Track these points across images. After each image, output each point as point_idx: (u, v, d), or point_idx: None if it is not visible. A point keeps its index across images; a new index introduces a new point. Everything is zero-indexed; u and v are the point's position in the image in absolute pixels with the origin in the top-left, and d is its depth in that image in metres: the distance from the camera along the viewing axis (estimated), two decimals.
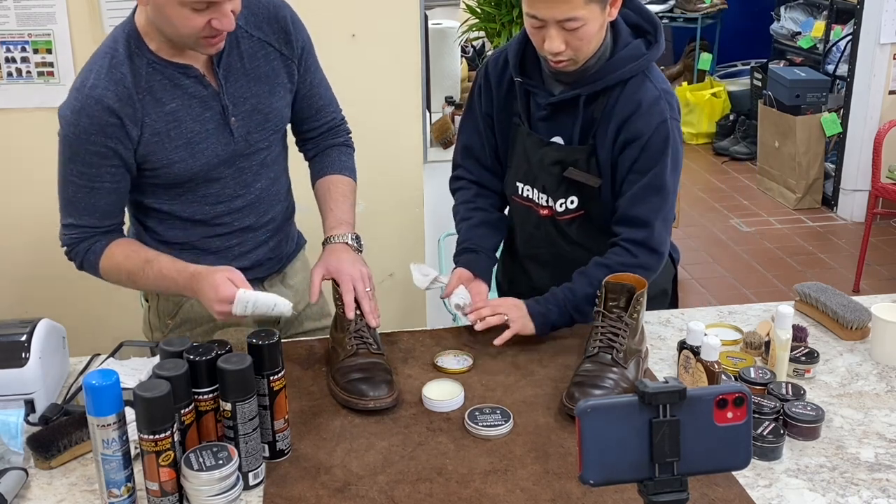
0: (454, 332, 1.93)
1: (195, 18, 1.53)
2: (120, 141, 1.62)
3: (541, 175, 1.87)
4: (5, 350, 1.58)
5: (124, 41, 1.63)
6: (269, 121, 1.77)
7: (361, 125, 1.96)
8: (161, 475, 1.31)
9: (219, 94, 1.69)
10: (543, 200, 1.90)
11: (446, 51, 3.35)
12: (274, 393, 1.45)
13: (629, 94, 1.77)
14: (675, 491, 1.03)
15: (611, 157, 1.81)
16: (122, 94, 1.60)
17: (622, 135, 1.78)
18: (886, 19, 4.91)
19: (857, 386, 1.71)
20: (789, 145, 5.45)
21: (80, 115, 1.60)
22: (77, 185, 1.66)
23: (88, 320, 2.74)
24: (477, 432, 1.55)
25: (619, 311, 1.66)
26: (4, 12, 2.64)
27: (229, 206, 1.78)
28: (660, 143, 1.77)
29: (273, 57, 1.75)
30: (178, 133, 1.66)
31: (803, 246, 4.95)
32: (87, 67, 1.64)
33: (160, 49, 1.63)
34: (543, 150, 1.85)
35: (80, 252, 1.72)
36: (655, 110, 1.76)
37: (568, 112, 1.81)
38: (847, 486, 1.42)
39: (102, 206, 1.69)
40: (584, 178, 1.82)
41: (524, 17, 1.71)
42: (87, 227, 1.70)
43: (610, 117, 1.78)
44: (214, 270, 1.62)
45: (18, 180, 2.80)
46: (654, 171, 1.78)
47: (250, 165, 1.78)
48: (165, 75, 1.64)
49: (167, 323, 1.89)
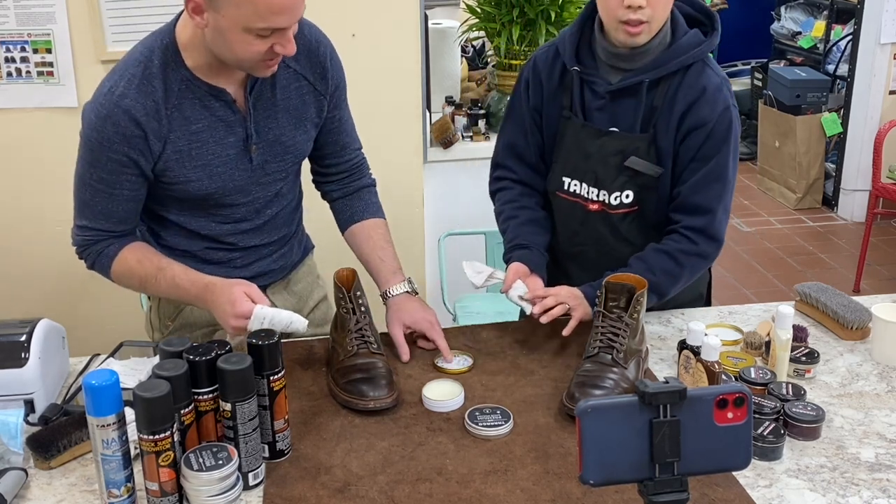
0: (454, 332, 1.93)
1: (259, 44, 1.51)
2: (141, 153, 1.61)
3: (597, 167, 1.84)
4: (5, 350, 1.58)
5: (161, 53, 1.60)
6: (290, 153, 1.76)
7: (361, 125, 1.95)
8: (161, 475, 1.31)
9: (245, 120, 1.67)
10: (594, 195, 1.87)
11: (446, 51, 3.34)
12: (274, 393, 1.45)
13: (692, 80, 1.77)
14: (675, 491, 1.03)
15: (673, 145, 1.80)
16: (150, 108, 1.58)
17: (686, 121, 1.77)
18: (887, 19, 4.91)
19: (858, 386, 1.71)
20: (790, 145, 5.45)
21: (105, 121, 1.57)
22: (95, 190, 1.64)
23: (88, 320, 2.74)
24: (477, 432, 1.55)
25: (620, 311, 1.66)
26: (4, 12, 2.64)
27: (237, 228, 1.78)
28: (723, 130, 1.77)
29: (306, 91, 1.74)
30: (199, 153, 1.65)
31: (804, 246, 4.95)
32: (119, 72, 1.60)
33: (197, 67, 1.61)
34: (602, 139, 1.82)
35: (91, 254, 1.72)
36: (720, 97, 1.77)
37: (627, 100, 1.80)
38: (847, 486, 1.42)
39: (119, 212, 1.68)
40: (645, 167, 1.80)
41: None
42: (101, 230, 1.69)
43: (672, 104, 1.78)
44: (231, 284, 1.61)
45: (18, 180, 2.80)
46: (717, 158, 1.78)
47: (265, 195, 1.78)
48: (197, 95, 1.62)
49: (167, 324, 1.89)
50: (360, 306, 1.74)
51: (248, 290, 1.59)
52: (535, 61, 1.91)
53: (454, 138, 3.11)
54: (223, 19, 1.48)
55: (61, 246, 2.87)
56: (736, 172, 1.85)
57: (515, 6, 3.00)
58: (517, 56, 3.11)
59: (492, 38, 3.14)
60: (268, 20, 1.47)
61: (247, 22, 1.47)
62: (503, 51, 3.09)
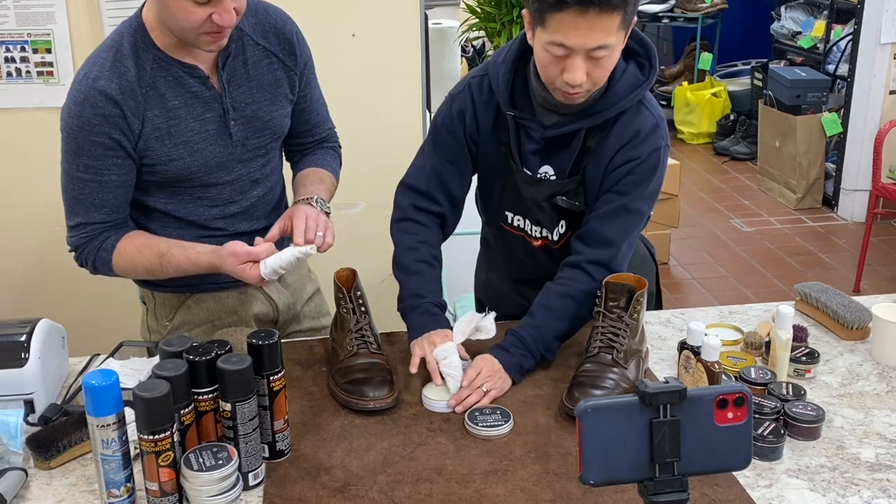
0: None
1: (196, 11, 1.53)
2: (122, 132, 1.62)
3: (533, 209, 1.82)
4: (5, 350, 1.58)
5: (130, 35, 1.63)
6: (268, 128, 1.78)
7: (361, 125, 1.96)
8: (161, 475, 1.31)
9: (221, 96, 1.70)
10: (537, 232, 1.86)
11: (446, 51, 3.35)
12: (274, 393, 1.45)
13: (627, 122, 1.72)
14: (675, 491, 1.03)
15: (600, 184, 1.76)
16: (125, 87, 1.61)
17: (615, 161, 1.74)
18: (887, 19, 4.91)
19: (858, 386, 1.71)
20: (790, 145, 5.45)
21: (83, 106, 1.60)
22: (84, 181, 1.65)
23: (88, 320, 2.74)
24: (477, 432, 1.55)
25: (620, 311, 1.66)
26: (4, 12, 2.64)
27: (224, 211, 1.79)
28: (648, 169, 1.73)
29: (276, 67, 1.77)
30: (178, 131, 1.66)
31: (804, 246, 4.95)
32: (90, 62, 1.63)
33: (167, 46, 1.64)
34: (535, 187, 1.79)
35: (90, 251, 1.71)
36: (652, 138, 1.73)
37: (562, 143, 1.76)
38: (847, 486, 1.41)
39: (111, 200, 1.68)
40: (571, 205, 1.78)
41: (540, 47, 1.60)
42: (96, 223, 1.69)
43: (604, 147, 1.73)
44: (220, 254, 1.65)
45: (18, 180, 2.80)
46: (634, 193, 1.74)
47: (248, 172, 1.78)
48: (170, 73, 1.65)
49: (165, 325, 1.89)
50: (360, 306, 1.74)
51: (236, 248, 1.63)
52: (471, 93, 1.80)
53: None
54: None
55: (61, 246, 2.87)
56: (650, 212, 1.81)
57: (515, 6, 3.01)
58: None
59: (492, 38, 3.14)
60: None
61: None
62: None
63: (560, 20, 1.54)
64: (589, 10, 1.51)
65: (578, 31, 1.54)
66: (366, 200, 2.85)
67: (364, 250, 1.94)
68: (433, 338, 1.71)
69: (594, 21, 1.52)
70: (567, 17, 1.53)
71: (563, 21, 1.54)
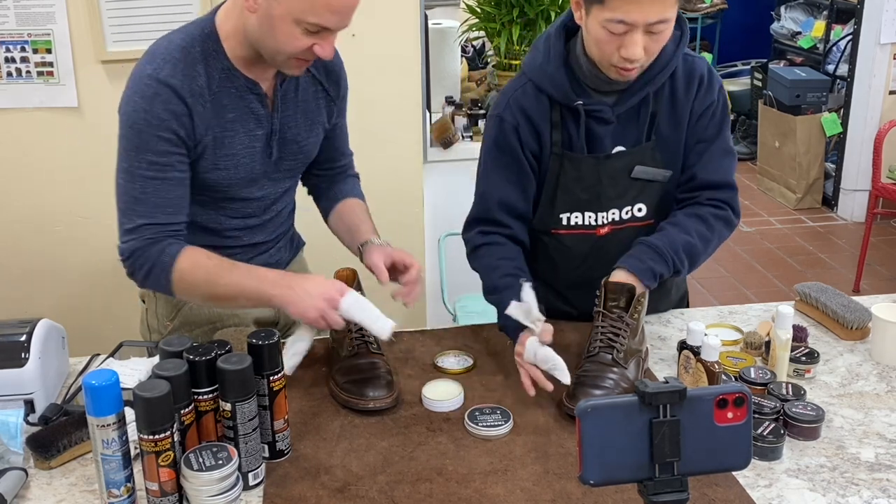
0: (454, 332, 1.93)
1: (302, 40, 1.53)
2: (187, 132, 1.60)
3: (605, 191, 1.79)
4: (5, 350, 1.58)
5: (201, 42, 1.61)
6: (302, 152, 1.79)
7: (361, 125, 1.96)
8: (161, 475, 1.31)
9: (272, 116, 1.70)
10: (603, 219, 1.82)
11: (446, 51, 3.34)
12: (274, 393, 1.45)
13: (685, 74, 1.77)
14: (675, 491, 1.03)
15: (681, 142, 1.79)
16: (195, 91, 1.59)
17: (695, 110, 1.78)
18: (886, 19, 4.91)
19: (858, 386, 1.71)
20: (789, 145, 5.45)
21: (152, 101, 1.56)
22: (146, 179, 1.59)
23: (88, 320, 2.74)
24: (477, 432, 1.55)
25: (620, 311, 1.66)
26: (4, 12, 2.64)
27: (244, 223, 1.79)
28: (724, 105, 1.80)
29: (321, 95, 1.79)
30: (230, 143, 1.66)
31: (803, 246, 4.95)
32: (159, 58, 1.59)
33: (236, 59, 1.63)
34: (608, 163, 1.78)
35: (150, 256, 1.60)
36: (714, 78, 1.79)
37: (631, 116, 1.77)
38: (847, 486, 1.42)
39: (174, 199, 1.62)
40: (653, 174, 1.79)
41: (597, 25, 1.59)
42: (160, 223, 1.61)
43: (674, 104, 1.77)
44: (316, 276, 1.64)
45: (18, 180, 2.80)
46: (724, 133, 1.81)
47: (275, 191, 1.80)
48: (235, 85, 1.64)
49: (166, 325, 1.89)
50: None
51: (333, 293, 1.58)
52: (518, 104, 1.77)
53: (454, 138, 3.11)
54: (278, 6, 1.51)
55: (61, 246, 2.89)
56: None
57: (515, 6, 3.00)
58: (517, 56, 3.11)
59: (492, 38, 3.14)
60: (321, 17, 1.51)
61: (300, 14, 1.50)
62: (503, 51, 3.09)
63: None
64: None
65: (641, 7, 1.54)
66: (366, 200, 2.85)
67: None
68: (517, 349, 1.65)
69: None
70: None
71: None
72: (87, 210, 2.84)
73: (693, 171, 1.81)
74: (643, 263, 1.70)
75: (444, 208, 3.12)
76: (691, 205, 1.81)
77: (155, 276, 1.62)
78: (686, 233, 1.76)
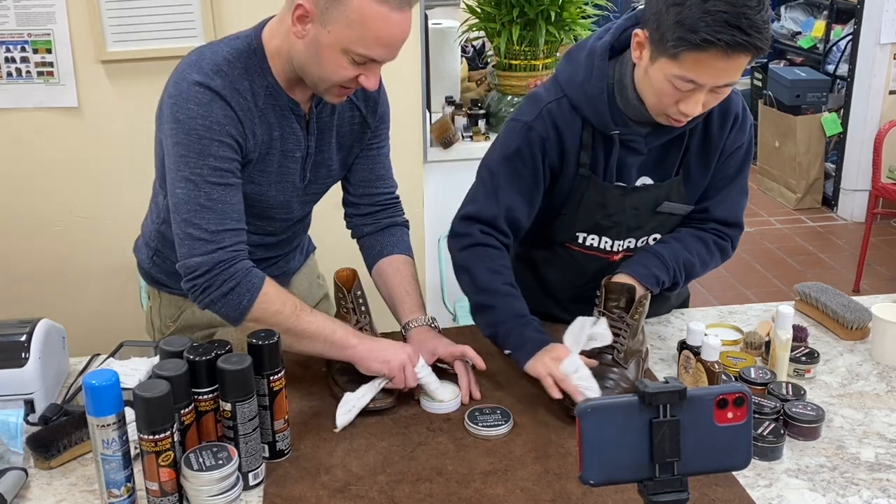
0: (454, 332, 1.92)
1: (348, 70, 1.51)
2: (243, 140, 1.57)
3: (626, 220, 1.77)
4: (5, 350, 1.58)
5: (247, 57, 1.58)
6: (330, 177, 1.78)
7: None
8: (161, 475, 1.31)
9: (308, 138, 1.68)
10: (619, 246, 1.81)
11: (446, 51, 3.34)
12: (274, 393, 1.45)
13: (721, 110, 1.71)
14: (675, 491, 1.03)
15: (709, 177, 1.78)
16: (242, 105, 1.56)
17: (726, 148, 1.75)
18: (886, 19, 4.91)
19: (858, 386, 1.71)
20: (790, 145, 5.45)
21: (209, 106, 1.52)
22: (211, 185, 1.53)
23: (88, 320, 2.74)
24: (477, 432, 1.55)
25: (620, 312, 1.66)
26: (4, 12, 2.64)
27: (263, 240, 1.78)
28: (749, 146, 1.79)
29: (357, 121, 1.76)
30: (271, 160, 1.64)
31: (803, 246, 4.95)
32: (207, 67, 1.54)
33: (280, 78, 1.60)
34: (634, 195, 1.75)
35: (237, 273, 1.54)
36: (747, 117, 1.77)
37: (665, 150, 1.74)
38: (847, 486, 1.42)
39: (237, 204, 1.57)
40: (678, 209, 1.79)
41: (662, 77, 1.52)
42: (233, 229, 1.55)
43: (707, 140, 1.73)
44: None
45: (18, 180, 2.80)
46: (744, 172, 1.81)
47: (300, 214, 1.80)
48: (279, 104, 1.62)
49: (168, 325, 1.89)
50: (361, 306, 1.74)
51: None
52: (552, 118, 1.70)
53: (454, 138, 3.11)
54: (326, 35, 1.48)
55: (61, 246, 2.89)
56: None
57: (515, 6, 3.00)
58: (517, 56, 3.11)
59: (492, 38, 3.13)
60: (370, 49, 1.48)
61: (349, 44, 1.47)
62: (503, 51, 3.09)
63: (699, 59, 1.46)
64: (735, 53, 1.44)
65: (716, 72, 1.47)
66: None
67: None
68: (556, 352, 1.60)
69: (734, 62, 1.46)
70: (708, 58, 1.45)
71: (702, 61, 1.46)
72: (87, 210, 2.84)
73: (707, 205, 1.81)
74: (647, 269, 1.71)
75: (444, 208, 3.11)
76: (696, 228, 1.83)
77: (237, 296, 1.54)
78: (688, 250, 1.78)
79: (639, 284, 1.70)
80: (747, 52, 1.45)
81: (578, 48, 1.72)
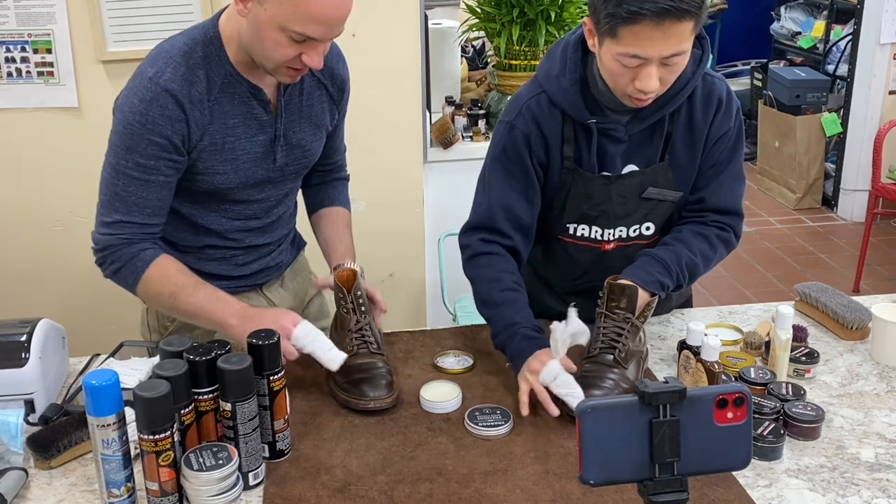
0: (454, 332, 1.93)
1: (288, 48, 1.53)
2: (181, 138, 1.61)
3: (614, 209, 1.77)
4: (5, 350, 1.58)
5: (203, 46, 1.61)
6: (306, 157, 1.80)
7: (362, 125, 1.96)
8: (161, 475, 1.31)
9: (275, 122, 1.70)
10: (610, 235, 1.81)
11: (446, 51, 3.34)
12: (274, 393, 1.45)
13: (703, 95, 1.73)
14: (675, 491, 1.03)
15: (695, 162, 1.77)
16: (194, 97, 1.59)
17: (711, 134, 1.75)
18: (886, 19, 4.91)
19: (858, 386, 1.71)
20: (789, 145, 5.45)
21: (150, 104, 1.57)
22: (130, 178, 1.60)
23: (88, 320, 2.74)
24: (477, 432, 1.55)
25: (622, 312, 1.66)
26: (4, 12, 2.64)
27: (245, 225, 1.80)
28: (739, 130, 1.79)
29: (325, 100, 1.79)
30: (231, 147, 1.66)
31: (803, 246, 4.95)
32: (163, 60, 1.59)
33: (238, 63, 1.63)
34: (618, 183, 1.75)
35: (123, 256, 1.64)
36: (732, 101, 1.77)
37: (645, 137, 1.74)
38: (847, 486, 1.42)
39: (154, 200, 1.64)
40: (665, 194, 1.78)
41: (610, 58, 1.56)
42: (135, 223, 1.63)
43: (690, 126, 1.74)
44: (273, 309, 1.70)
45: (18, 180, 2.80)
46: (736, 159, 1.81)
47: (277, 194, 1.81)
48: (237, 91, 1.64)
49: (166, 325, 1.89)
50: (361, 306, 1.74)
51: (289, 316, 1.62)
52: (532, 114, 1.73)
53: (454, 138, 3.11)
54: (264, 13, 1.51)
55: (61, 246, 2.89)
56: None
57: (515, 6, 3.00)
58: (517, 56, 3.11)
59: (492, 38, 3.14)
60: (304, 27, 1.50)
61: (284, 22, 1.49)
62: (503, 51, 3.09)
63: (634, 32, 1.49)
64: (665, 20, 1.47)
65: (653, 42, 1.50)
66: (366, 200, 2.85)
67: (364, 250, 1.94)
68: (532, 365, 1.61)
69: (669, 30, 1.48)
70: (642, 29, 1.48)
71: (637, 33, 1.49)
72: (86, 210, 2.82)
73: (703, 195, 1.81)
74: (651, 276, 1.71)
75: (445, 208, 3.12)
76: (696, 223, 1.82)
77: (123, 276, 1.66)
78: (690, 250, 1.77)
79: (643, 291, 1.69)
80: (678, 17, 1.48)
81: (556, 44, 1.77)
